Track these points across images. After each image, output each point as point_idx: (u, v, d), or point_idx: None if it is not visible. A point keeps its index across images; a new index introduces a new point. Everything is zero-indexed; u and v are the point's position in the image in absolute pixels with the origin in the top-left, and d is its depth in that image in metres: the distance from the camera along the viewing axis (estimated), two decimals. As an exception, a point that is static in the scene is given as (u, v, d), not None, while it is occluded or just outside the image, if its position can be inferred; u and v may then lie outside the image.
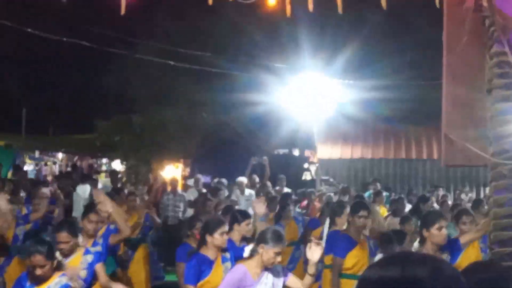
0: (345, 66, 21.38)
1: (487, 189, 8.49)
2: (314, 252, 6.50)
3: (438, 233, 7.07)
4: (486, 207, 10.13)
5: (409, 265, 1.92)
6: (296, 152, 26.96)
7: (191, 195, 17.07)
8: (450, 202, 16.59)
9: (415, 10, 20.60)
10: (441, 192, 18.42)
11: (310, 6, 5.86)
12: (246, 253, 6.85)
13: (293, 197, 16.44)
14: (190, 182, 18.55)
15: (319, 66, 21.05)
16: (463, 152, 6.17)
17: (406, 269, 1.91)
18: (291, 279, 6.80)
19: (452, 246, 7.49)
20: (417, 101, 21.11)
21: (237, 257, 7.40)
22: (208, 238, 7.29)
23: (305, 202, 15.31)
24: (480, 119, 6.12)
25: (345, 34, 22.25)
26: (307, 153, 26.96)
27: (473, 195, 19.63)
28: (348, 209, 9.22)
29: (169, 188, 17.00)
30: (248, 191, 17.00)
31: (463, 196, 16.84)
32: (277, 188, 18.07)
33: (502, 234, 5.77)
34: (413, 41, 22.00)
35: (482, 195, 19.55)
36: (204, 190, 16.92)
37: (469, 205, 15.31)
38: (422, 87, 20.92)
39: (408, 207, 15.54)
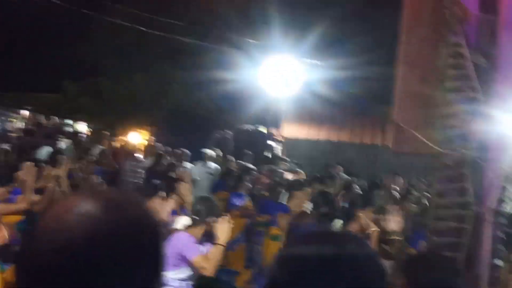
0: (315, 45, 21.25)
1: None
2: None
3: None
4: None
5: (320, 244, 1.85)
6: (262, 129, 26.95)
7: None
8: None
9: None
10: (400, 180, 18.31)
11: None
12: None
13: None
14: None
15: (289, 46, 20.98)
16: (411, 140, 6.18)
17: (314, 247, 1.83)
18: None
19: None
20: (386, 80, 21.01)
21: None
22: None
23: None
24: (431, 108, 6.12)
25: (315, 14, 22.01)
26: (273, 131, 26.95)
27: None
28: None
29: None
30: (213, 165, 17.03)
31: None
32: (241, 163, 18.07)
33: (441, 224, 5.79)
34: (385, 22, 21.84)
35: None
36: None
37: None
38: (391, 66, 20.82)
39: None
